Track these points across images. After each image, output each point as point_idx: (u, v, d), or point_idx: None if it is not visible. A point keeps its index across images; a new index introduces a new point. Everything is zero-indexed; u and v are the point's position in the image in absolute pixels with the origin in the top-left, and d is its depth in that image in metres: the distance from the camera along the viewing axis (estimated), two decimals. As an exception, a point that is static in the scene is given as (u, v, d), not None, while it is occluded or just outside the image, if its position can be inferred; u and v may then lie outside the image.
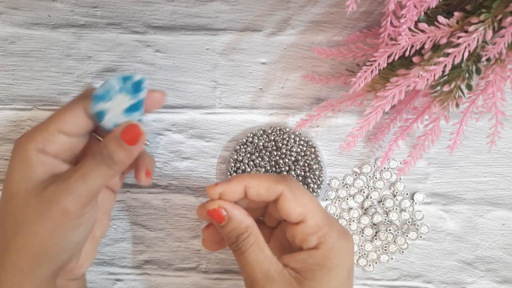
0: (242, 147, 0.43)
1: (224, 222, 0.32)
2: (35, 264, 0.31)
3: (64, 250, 0.33)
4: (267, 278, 0.31)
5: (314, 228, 0.32)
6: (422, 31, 0.33)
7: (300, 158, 0.43)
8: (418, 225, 0.44)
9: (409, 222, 0.44)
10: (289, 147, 0.43)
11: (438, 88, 0.36)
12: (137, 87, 0.31)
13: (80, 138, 0.34)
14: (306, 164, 0.43)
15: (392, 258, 0.44)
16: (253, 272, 0.31)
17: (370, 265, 0.44)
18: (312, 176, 0.43)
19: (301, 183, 0.39)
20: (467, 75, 0.34)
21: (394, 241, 0.44)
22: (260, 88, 0.43)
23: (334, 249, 0.32)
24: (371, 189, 0.44)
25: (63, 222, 0.31)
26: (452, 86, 0.34)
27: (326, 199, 0.44)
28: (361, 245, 0.44)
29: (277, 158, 0.43)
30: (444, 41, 0.33)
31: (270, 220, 0.38)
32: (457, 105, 0.36)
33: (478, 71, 0.34)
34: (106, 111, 0.32)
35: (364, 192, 0.44)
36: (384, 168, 0.44)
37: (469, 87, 0.35)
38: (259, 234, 0.33)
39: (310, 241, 0.32)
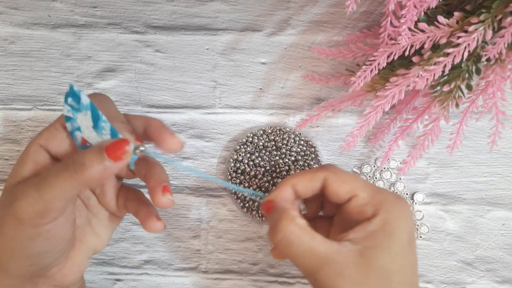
0: (242, 147, 0.43)
1: (271, 211, 0.32)
2: (1, 266, 0.31)
3: (23, 258, 0.30)
4: (325, 257, 0.29)
5: (366, 198, 0.31)
6: (422, 31, 0.33)
7: (300, 158, 0.43)
8: (418, 225, 0.44)
9: (409, 222, 0.44)
10: (289, 147, 0.43)
11: (438, 88, 0.36)
12: (74, 96, 0.28)
13: None
14: (306, 164, 0.43)
15: (392, 258, 0.44)
16: (314, 249, 0.30)
17: (370, 265, 0.44)
18: (312, 176, 0.43)
19: None
20: (467, 75, 0.34)
21: (394, 241, 0.44)
22: (260, 88, 0.43)
23: (392, 212, 0.31)
24: (371, 189, 0.44)
25: (17, 230, 0.29)
26: (452, 86, 0.34)
27: (326, 199, 0.44)
28: (361, 245, 0.44)
29: (277, 158, 0.43)
30: (444, 41, 0.33)
31: (328, 210, 0.37)
32: (457, 105, 0.36)
33: (478, 71, 0.34)
34: (81, 130, 0.30)
35: (364, 192, 0.44)
36: (384, 168, 0.44)
37: (469, 87, 0.35)
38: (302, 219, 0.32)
39: (366, 211, 0.31)
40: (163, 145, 0.32)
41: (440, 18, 0.33)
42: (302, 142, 0.43)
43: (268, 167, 0.43)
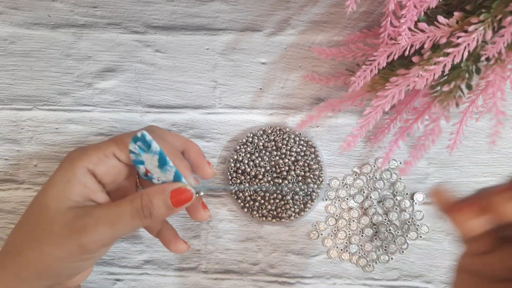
0: (242, 147, 0.43)
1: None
2: (36, 278, 0.32)
3: (67, 274, 0.33)
4: None
5: None
6: (422, 30, 0.33)
7: (300, 158, 0.43)
8: (418, 225, 0.44)
9: (409, 222, 0.44)
10: (289, 147, 0.43)
11: (438, 88, 0.36)
12: (144, 142, 0.31)
13: (128, 168, 0.35)
14: (306, 164, 0.43)
15: (392, 258, 0.44)
16: None
17: (370, 265, 0.44)
18: (312, 176, 0.43)
19: None
20: (467, 74, 0.34)
21: (394, 241, 0.44)
22: (260, 88, 0.43)
23: None
24: (371, 189, 0.44)
25: (77, 255, 0.31)
26: (452, 86, 0.34)
27: (326, 199, 0.44)
28: (361, 245, 0.44)
29: (277, 158, 0.43)
30: (443, 41, 0.33)
31: None
32: (457, 105, 0.36)
33: (478, 71, 0.34)
34: (144, 164, 0.33)
35: (364, 192, 0.44)
36: (384, 168, 0.44)
37: (469, 87, 0.35)
38: None
39: None
40: (200, 172, 0.37)
41: (440, 18, 0.33)
42: (302, 142, 0.43)
43: (268, 167, 0.43)
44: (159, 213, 0.31)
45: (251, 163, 0.43)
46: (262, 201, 0.43)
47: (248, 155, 0.43)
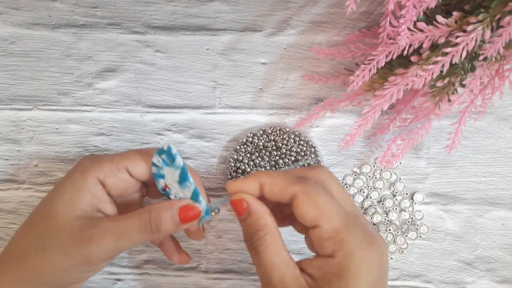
0: (242, 147, 0.43)
1: (244, 216, 0.31)
2: (38, 284, 0.32)
3: (68, 283, 0.34)
4: (282, 284, 0.29)
5: (329, 233, 0.29)
6: (421, 30, 0.33)
7: (300, 158, 0.43)
8: (417, 225, 0.44)
9: (408, 222, 0.44)
10: (289, 147, 0.43)
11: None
12: (169, 155, 0.31)
13: (138, 184, 0.35)
14: (306, 164, 0.43)
15: (392, 258, 0.44)
16: (268, 276, 0.30)
17: (369, 265, 0.44)
18: (311, 176, 0.43)
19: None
20: (462, 72, 0.34)
21: (394, 241, 0.44)
22: (260, 88, 0.44)
23: (352, 258, 0.28)
24: (371, 189, 0.44)
25: (82, 265, 0.32)
26: (446, 82, 0.34)
27: (326, 199, 0.44)
28: (361, 245, 0.44)
29: (277, 158, 0.43)
30: (442, 40, 0.33)
31: (298, 227, 0.36)
32: (449, 101, 0.35)
33: (473, 69, 0.34)
34: (164, 178, 0.33)
35: (363, 192, 0.44)
36: (384, 168, 0.44)
37: (463, 85, 0.35)
38: (278, 235, 0.31)
39: (325, 247, 0.29)
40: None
41: (439, 18, 0.33)
42: (302, 142, 0.43)
43: (268, 167, 0.43)
44: (166, 229, 0.32)
45: (251, 163, 0.43)
46: (262, 201, 0.43)
47: (248, 155, 0.43)
